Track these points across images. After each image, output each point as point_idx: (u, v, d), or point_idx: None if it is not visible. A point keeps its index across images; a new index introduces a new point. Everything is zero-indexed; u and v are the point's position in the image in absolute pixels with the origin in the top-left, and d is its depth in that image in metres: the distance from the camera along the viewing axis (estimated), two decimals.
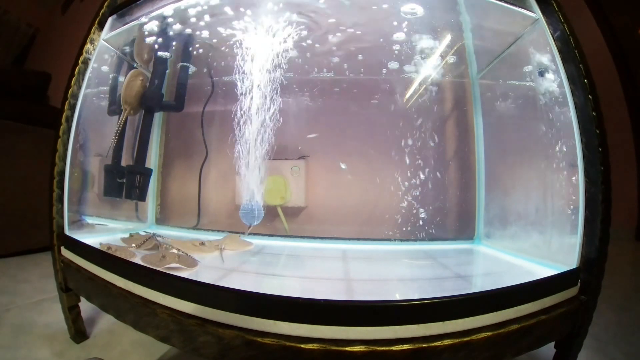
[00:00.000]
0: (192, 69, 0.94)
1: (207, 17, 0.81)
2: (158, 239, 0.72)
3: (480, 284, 0.66)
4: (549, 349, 0.54)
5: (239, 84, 0.79)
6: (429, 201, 0.86)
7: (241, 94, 0.79)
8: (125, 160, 0.88)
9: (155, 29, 0.84)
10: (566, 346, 0.52)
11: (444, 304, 0.42)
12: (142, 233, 0.77)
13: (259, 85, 0.78)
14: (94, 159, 0.88)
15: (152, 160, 0.98)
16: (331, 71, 0.91)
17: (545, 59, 0.64)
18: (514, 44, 0.73)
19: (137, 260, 0.58)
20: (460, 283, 0.59)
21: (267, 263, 0.73)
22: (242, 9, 0.78)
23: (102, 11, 0.73)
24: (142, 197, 0.91)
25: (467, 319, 0.42)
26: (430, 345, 0.39)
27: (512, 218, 0.76)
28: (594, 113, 0.52)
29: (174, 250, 0.62)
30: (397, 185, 0.87)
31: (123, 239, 0.73)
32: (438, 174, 0.88)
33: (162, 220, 1.00)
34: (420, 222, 0.86)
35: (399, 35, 0.82)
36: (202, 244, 0.73)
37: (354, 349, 0.38)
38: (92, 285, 0.58)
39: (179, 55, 0.92)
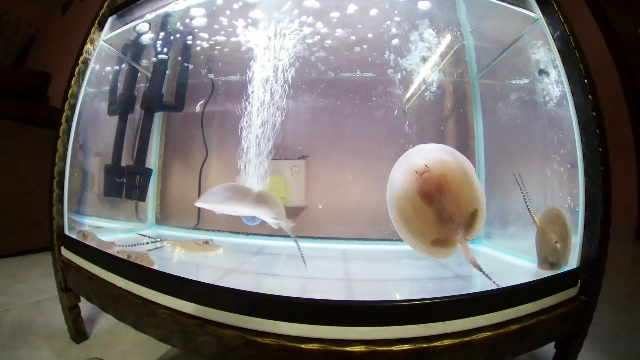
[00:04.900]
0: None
1: (207, 18, 0.81)
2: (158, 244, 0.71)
3: (480, 284, 0.66)
4: (549, 349, 0.54)
5: (239, 84, 0.79)
6: None
7: (242, 94, 0.79)
8: (125, 160, 0.88)
9: (156, 28, 0.84)
10: (566, 346, 0.52)
11: (444, 304, 0.42)
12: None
13: (260, 86, 0.78)
14: (94, 159, 0.88)
15: (152, 160, 0.98)
16: (331, 71, 0.91)
17: (544, 60, 0.64)
18: (514, 44, 0.73)
19: (157, 267, 0.57)
20: (460, 283, 0.59)
21: (267, 263, 0.74)
22: (243, 10, 0.78)
23: (102, 11, 0.73)
24: (142, 197, 0.91)
25: (467, 319, 0.42)
26: (430, 345, 0.39)
27: (512, 218, 0.76)
28: (594, 113, 0.52)
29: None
30: None
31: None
32: None
33: (162, 220, 1.00)
34: None
35: (400, 35, 0.81)
36: (206, 242, 0.73)
37: (354, 349, 0.38)
38: (92, 285, 0.58)
39: (179, 55, 0.92)
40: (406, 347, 0.39)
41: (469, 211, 0.38)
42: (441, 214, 0.38)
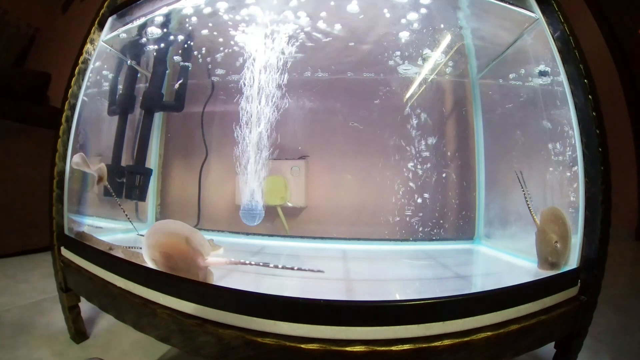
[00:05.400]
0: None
1: (206, 17, 0.81)
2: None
3: (480, 284, 0.66)
4: (549, 349, 0.54)
5: (240, 83, 0.79)
6: (429, 201, 0.86)
7: (242, 94, 0.79)
8: (125, 160, 0.88)
9: (156, 28, 0.84)
10: (566, 346, 0.52)
11: (444, 304, 0.42)
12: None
13: (259, 86, 0.78)
14: (94, 159, 0.88)
15: (152, 160, 0.98)
16: (331, 71, 0.91)
17: (544, 60, 0.64)
18: (514, 44, 0.73)
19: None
20: (460, 283, 0.59)
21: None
22: (243, 9, 0.78)
23: (102, 11, 0.73)
24: (142, 197, 0.91)
25: (467, 319, 0.42)
26: (430, 345, 0.39)
27: (512, 218, 0.76)
28: (594, 113, 0.52)
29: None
30: (397, 185, 0.87)
31: None
32: (438, 174, 0.88)
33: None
34: (420, 222, 0.86)
35: (400, 35, 0.82)
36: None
37: (354, 349, 0.38)
38: (92, 285, 0.58)
39: (179, 54, 0.92)
40: (406, 347, 0.39)
41: (191, 248, 0.50)
42: (186, 265, 0.50)
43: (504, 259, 0.73)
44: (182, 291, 0.46)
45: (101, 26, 0.74)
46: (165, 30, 0.85)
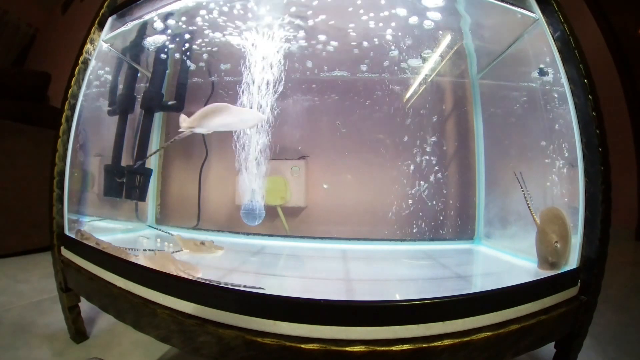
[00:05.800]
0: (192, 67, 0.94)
1: (206, 17, 0.81)
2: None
3: (480, 284, 0.66)
4: (549, 349, 0.54)
5: (239, 83, 0.79)
6: (429, 201, 0.86)
7: (241, 94, 0.79)
8: (126, 160, 0.88)
9: (156, 28, 0.84)
10: (566, 346, 0.52)
11: (444, 304, 0.42)
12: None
13: (259, 86, 0.78)
14: (94, 159, 0.88)
15: (152, 160, 0.98)
16: (330, 71, 0.91)
17: (544, 60, 0.64)
18: (514, 44, 0.73)
19: (137, 260, 0.58)
20: (460, 283, 0.59)
21: (267, 263, 0.74)
22: (242, 9, 0.78)
23: (102, 11, 0.73)
24: (142, 197, 0.91)
25: (467, 319, 0.42)
26: (430, 345, 0.39)
27: (512, 218, 0.76)
28: (594, 113, 0.52)
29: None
30: (397, 185, 0.87)
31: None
32: (438, 174, 0.88)
33: (162, 220, 1.00)
34: (420, 222, 0.86)
35: (400, 35, 0.82)
36: (202, 243, 0.73)
37: (354, 349, 0.38)
38: (92, 285, 0.58)
39: (179, 54, 0.92)
40: (406, 347, 0.39)
41: None
42: None
43: (504, 259, 0.73)
44: (182, 291, 0.46)
45: (101, 26, 0.74)
46: (165, 30, 0.85)
